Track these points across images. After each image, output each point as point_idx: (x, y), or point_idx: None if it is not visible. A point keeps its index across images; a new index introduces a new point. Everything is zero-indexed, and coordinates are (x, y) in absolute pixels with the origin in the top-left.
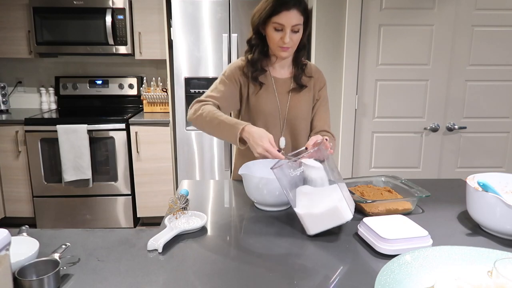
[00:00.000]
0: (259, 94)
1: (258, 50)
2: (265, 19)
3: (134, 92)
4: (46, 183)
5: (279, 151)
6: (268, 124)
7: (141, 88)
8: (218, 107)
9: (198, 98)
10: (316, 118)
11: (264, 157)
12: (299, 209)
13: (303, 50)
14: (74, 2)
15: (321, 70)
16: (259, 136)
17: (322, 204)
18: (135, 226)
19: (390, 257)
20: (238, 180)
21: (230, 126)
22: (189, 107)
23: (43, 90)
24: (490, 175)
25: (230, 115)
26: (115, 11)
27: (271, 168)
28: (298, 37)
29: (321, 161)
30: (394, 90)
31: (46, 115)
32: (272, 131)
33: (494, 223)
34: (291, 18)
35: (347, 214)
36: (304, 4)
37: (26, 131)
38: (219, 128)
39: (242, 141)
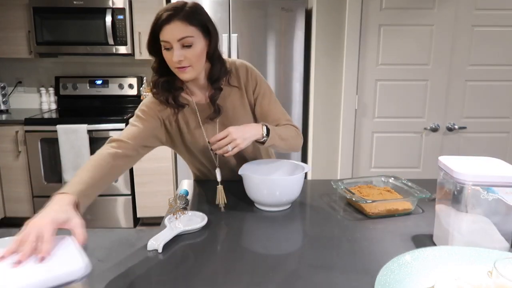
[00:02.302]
0: (188, 128)
1: (164, 78)
2: (154, 40)
3: (134, 92)
4: (46, 183)
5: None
6: (204, 159)
7: (141, 88)
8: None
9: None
10: (270, 114)
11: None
12: (461, 236)
13: (216, 65)
14: (74, 2)
15: (321, 70)
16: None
17: (494, 237)
18: (135, 226)
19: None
20: (238, 180)
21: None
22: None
23: (43, 90)
24: None
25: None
26: (115, 11)
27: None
28: (193, 52)
29: None
30: (394, 90)
31: (46, 115)
32: (209, 165)
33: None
34: (174, 31)
35: None
36: (190, 13)
37: (26, 131)
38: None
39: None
